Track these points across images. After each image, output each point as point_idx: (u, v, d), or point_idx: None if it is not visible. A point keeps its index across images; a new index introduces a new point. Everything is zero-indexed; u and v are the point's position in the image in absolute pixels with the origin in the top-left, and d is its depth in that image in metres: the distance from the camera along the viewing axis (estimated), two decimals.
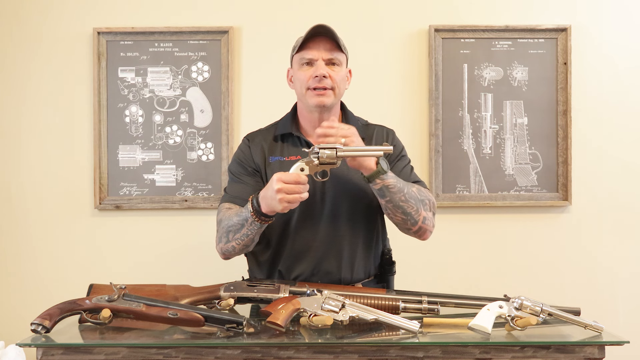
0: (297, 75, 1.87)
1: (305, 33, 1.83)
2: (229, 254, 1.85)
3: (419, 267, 2.64)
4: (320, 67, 1.82)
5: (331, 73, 1.83)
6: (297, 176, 1.65)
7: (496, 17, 2.73)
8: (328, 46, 1.84)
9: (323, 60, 1.83)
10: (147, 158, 2.72)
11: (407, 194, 1.77)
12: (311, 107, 1.86)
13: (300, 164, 1.69)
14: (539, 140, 2.71)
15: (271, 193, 1.64)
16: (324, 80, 1.82)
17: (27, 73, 2.73)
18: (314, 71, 1.82)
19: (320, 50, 1.83)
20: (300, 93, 1.88)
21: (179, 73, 2.72)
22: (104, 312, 1.52)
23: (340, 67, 1.86)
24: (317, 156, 1.69)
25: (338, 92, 1.87)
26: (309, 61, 1.84)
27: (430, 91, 2.69)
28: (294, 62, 1.89)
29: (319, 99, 1.83)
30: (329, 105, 1.86)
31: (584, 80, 2.72)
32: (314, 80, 1.82)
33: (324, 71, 1.81)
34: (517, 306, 1.55)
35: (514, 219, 2.73)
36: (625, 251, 2.73)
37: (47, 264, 2.72)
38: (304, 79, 1.84)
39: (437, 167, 2.69)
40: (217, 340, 1.48)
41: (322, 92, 1.83)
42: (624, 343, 1.48)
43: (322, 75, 1.81)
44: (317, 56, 1.83)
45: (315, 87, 1.82)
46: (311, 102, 1.84)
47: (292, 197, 1.64)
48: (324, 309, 1.54)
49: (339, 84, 1.86)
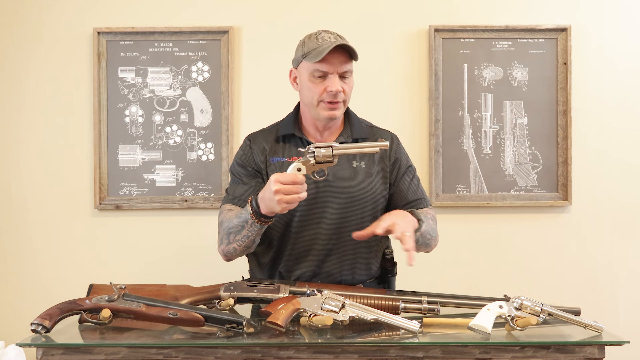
0: (307, 84, 1.83)
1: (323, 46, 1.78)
2: (231, 256, 1.85)
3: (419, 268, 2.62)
4: (335, 83, 1.80)
5: (344, 86, 1.82)
6: (295, 176, 1.65)
7: (496, 17, 2.73)
8: (342, 58, 1.81)
9: (337, 74, 1.81)
10: (147, 158, 2.72)
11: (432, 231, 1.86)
12: (322, 120, 1.86)
13: (297, 164, 1.69)
14: (539, 140, 2.71)
15: (269, 194, 1.64)
16: (339, 95, 1.81)
17: (27, 73, 2.73)
18: (329, 86, 1.80)
19: (335, 64, 1.80)
20: (310, 103, 1.85)
21: (179, 73, 2.72)
22: (104, 312, 1.52)
23: (350, 78, 1.86)
24: (313, 155, 1.69)
25: (347, 102, 1.88)
26: (322, 74, 1.81)
27: (430, 91, 2.69)
28: (304, 68, 1.84)
29: (331, 113, 1.83)
30: (339, 117, 1.87)
31: (584, 80, 2.72)
32: (328, 95, 1.80)
33: (339, 87, 1.80)
34: (517, 306, 1.55)
35: (514, 219, 2.73)
36: (625, 251, 2.73)
37: (47, 264, 2.72)
38: (316, 92, 1.82)
39: (437, 167, 2.69)
40: (217, 340, 1.48)
41: (334, 107, 1.82)
42: (624, 343, 1.48)
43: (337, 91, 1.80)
44: (332, 70, 1.80)
45: (329, 101, 1.82)
46: (323, 115, 1.83)
47: (290, 197, 1.63)
48: (324, 309, 1.54)
49: (349, 95, 1.86)
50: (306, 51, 1.81)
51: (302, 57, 1.83)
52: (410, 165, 1.99)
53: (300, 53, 1.84)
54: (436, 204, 2.66)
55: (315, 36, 1.82)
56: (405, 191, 1.93)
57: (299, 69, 1.87)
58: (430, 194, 2.67)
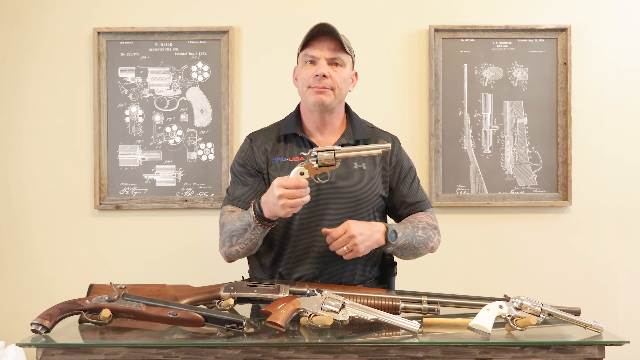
0: (300, 72, 1.87)
1: (309, 30, 1.83)
2: (233, 257, 1.86)
3: (419, 268, 2.64)
4: (321, 66, 1.81)
5: (332, 73, 1.82)
6: (298, 181, 1.65)
7: (496, 17, 2.73)
8: (332, 46, 1.83)
9: (325, 60, 1.82)
10: (147, 158, 2.72)
11: (416, 243, 1.83)
12: (310, 106, 1.86)
13: (300, 168, 1.69)
14: (539, 140, 2.71)
15: (273, 199, 1.65)
16: (324, 80, 1.81)
17: (27, 73, 2.73)
18: (315, 70, 1.82)
19: (324, 50, 1.82)
20: (302, 91, 1.87)
21: (179, 73, 2.72)
22: (104, 312, 1.52)
23: (343, 68, 1.85)
24: (315, 159, 1.69)
25: (339, 93, 1.85)
26: (311, 59, 1.83)
27: (430, 91, 2.69)
28: (299, 60, 1.89)
29: (318, 97, 1.82)
30: (328, 105, 1.84)
31: (584, 80, 2.72)
32: (315, 79, 1.82)
33: (324, 70, 1.81)
34: (517, 306, 1.55)
35: (514, 219, 2.73)
36: (626, 251, 2.73)
37: (47, 264, 2.72)
38: (305, 77, 1.84)
39: (437, 167, 2.69)
40: (217, 340, 1.48)
41: (321, 90, 1.82)
42: (624, 343, 1.48)
43: (322, 75, 1.80)
44: (319, 55, 1.82)
45: (315, 85, 1.82)
46: (310, 100, 1.84)
47: (294, 201, 1.64)
48: (324, 309, 1.54)
49: (340, 85, 1.84)
50: (301, 42, 1.85)
51: (299, 48, 1.87)
52: (411, 167, 1.99)
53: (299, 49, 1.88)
54: (436, 204, 2.66)
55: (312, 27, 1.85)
56: (406, 194, 1.94)
57: (298, 63, 1.90)
58: (430, 194, 2.67)
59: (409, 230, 1.82)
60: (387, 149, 1.73)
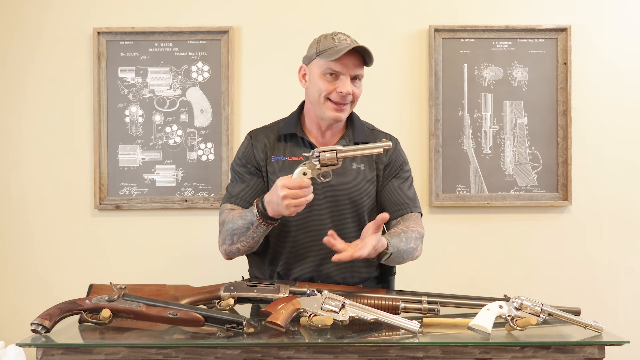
0: (317, 82, 1.83)
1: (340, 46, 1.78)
2: (233, 255, 1.86)
3: (419, 268, 2.64)
4: (346, 85, 1.80)
5: (354, 90, 1.83)
6: (301, 181, 1.66)
7: (496, 17, 2.73)
8: (356, 62, 1.81)
9: (349, 76, 1.81)
10: (147, 158, 2.72)
11: (404, 253, 1.79)
12: (326, 119, 1.85)
13: (303, 168, 1.70)
14: (539, 140, 2.71)
15: (277, 199, 1.65)
16: (347, 97, 1.82)
17: (27, 73, 2.73)
18: (340, 87, 1.80)
19: (349, 66, 1.80)
20: (316, 100, 1.84)
21: (179, 73, 2.72)
22: (104, 312, 1.52)
23: (361, 83, 1.86)
24: (318, 159, 1.70)
25: (354, 106, 1.88)
26: (335, 73, 1.81)
27: (430, 91, 2.69)
28: (316, 66, 1.83)
29: (337, 115, 1.83)
30: (344, 119, 1.87)
31: (584, 80, 2.72)
32: (337, 95, 1.81)
33: (350, 89, 1.80)
34: (517, 306, 1.55)
35: (514, 219, 2.73)
36: (625, 251, 2.73)
37: (47, 264, 2.72)
38: (324, 89, 1.81)
39: (437, 167, 2.69)
40: (217, 340, 1.48)
41: (341, 108, 1.83)
42: (624, 343, 1.48)
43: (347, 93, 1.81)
44: (345, 72, 1.80)
45: (337, 101, 1.82)
46: (328, 115, 1.83)
47: (298, 201, 1.65)
48: (324, 309, 1.54)
49: (358, 97, 1.86)
50: (321, 49, 1.81)
51: (317, 54, 1.82)
52: (405, 169, 1.97)
53: (315, 50, 1.83)
54: (436, 204, 2.66)
55: (332, 36, 1.83)
56: (393, 193, 1.91)
57: (310, 66, 1.86)
58: (430, 194, 2.67)
59: (402, 244, 1.78)
60: (388, 147, 1.74)
